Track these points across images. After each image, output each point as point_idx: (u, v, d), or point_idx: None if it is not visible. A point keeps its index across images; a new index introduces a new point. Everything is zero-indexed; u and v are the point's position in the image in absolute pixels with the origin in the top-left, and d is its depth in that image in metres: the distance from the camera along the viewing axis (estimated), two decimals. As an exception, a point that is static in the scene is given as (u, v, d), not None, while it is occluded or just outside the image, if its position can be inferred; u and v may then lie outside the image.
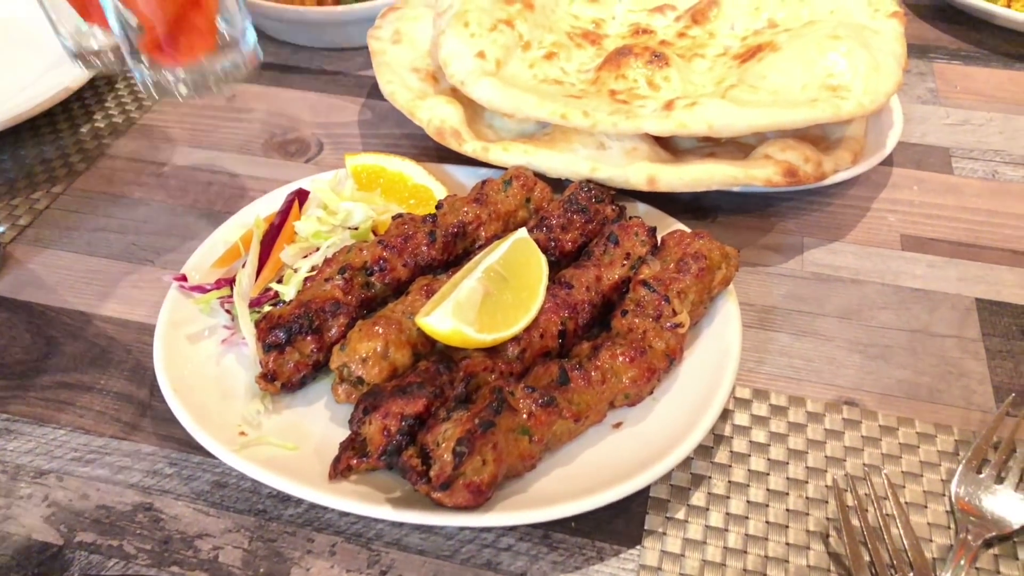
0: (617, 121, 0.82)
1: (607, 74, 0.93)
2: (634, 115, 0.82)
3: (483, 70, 0.90)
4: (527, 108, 0.85)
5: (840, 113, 0.81)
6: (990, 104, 1.08)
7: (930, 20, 1.25)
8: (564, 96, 0.88)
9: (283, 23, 1.19)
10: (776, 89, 0.87)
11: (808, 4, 0.98)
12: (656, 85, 0.92)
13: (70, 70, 1.06)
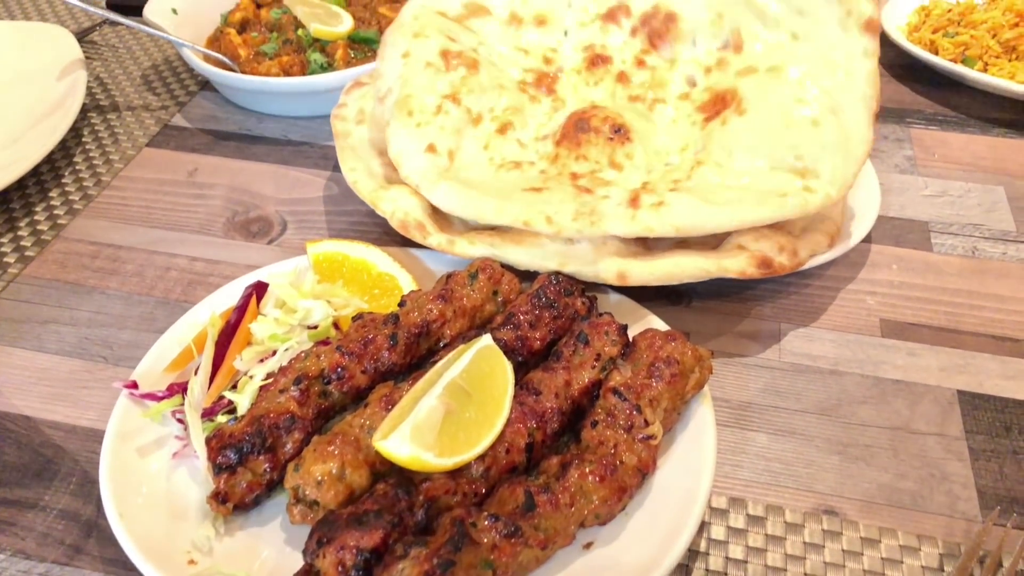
0: (582, 227, 0.79)
1: (566, 152, 0.91)
2: (599, 218, 0.80)
3: (437, 169, 0.87)
4: (488, 215, 0.82)
5: (808, 208, 0.79)
6: (968, 173, 1.06)
7: (907, 82, 1.24)
8: (525, 190, 0.85)
9: (248, 92, 1.16)
10: (743, 171, 0.84)
11: (774, 22, 0.94)
12: (619, 164, 0.89)
13: (27, 146, 1.03)
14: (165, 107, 1.20)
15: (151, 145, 1.12)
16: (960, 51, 1.19)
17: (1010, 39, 1.17)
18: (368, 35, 1.21)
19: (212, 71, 1.13)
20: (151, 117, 1.17)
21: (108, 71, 1.28)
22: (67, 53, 1.18)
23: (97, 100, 1.21)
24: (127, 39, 1.34)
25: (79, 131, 1.14)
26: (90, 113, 1.18)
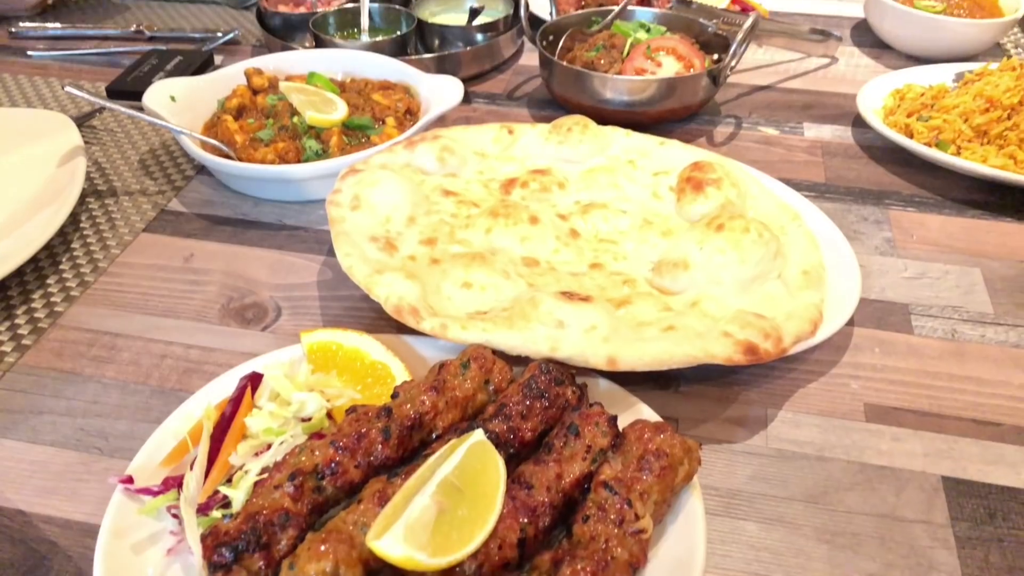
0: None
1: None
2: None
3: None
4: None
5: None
6: (946, 255, 1.09)
7: (885, 164, 1.28)
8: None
9: (244, 179, 1.19)
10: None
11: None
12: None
13: (26, 235, 1.05)
14: (162, 192, 1.22)
15: (148, 230, 1.15)
16: (934, 135, 1.24)
17: (981, 124, 1.22)
18: (362, 122, 1.24)
19: (209, 159, 1.15)
20: (148, 202, 1.20)
21: (107, 156, 1.31)
22: (67, 140, 1.21)
23: (96, 185, 1.23)
24: (126, 123, 1.37)
25: (77, 217, 1.16)
26: (88, 198, 1.20)
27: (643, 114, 1.33)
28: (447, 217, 1.06)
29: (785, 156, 1.30)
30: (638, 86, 1.30)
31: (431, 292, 0.92)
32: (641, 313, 0.90)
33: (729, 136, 1.35)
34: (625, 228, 1.07)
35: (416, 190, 1.08)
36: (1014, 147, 1.19)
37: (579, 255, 1.02)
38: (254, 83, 1.32)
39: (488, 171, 1.17)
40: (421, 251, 0.99)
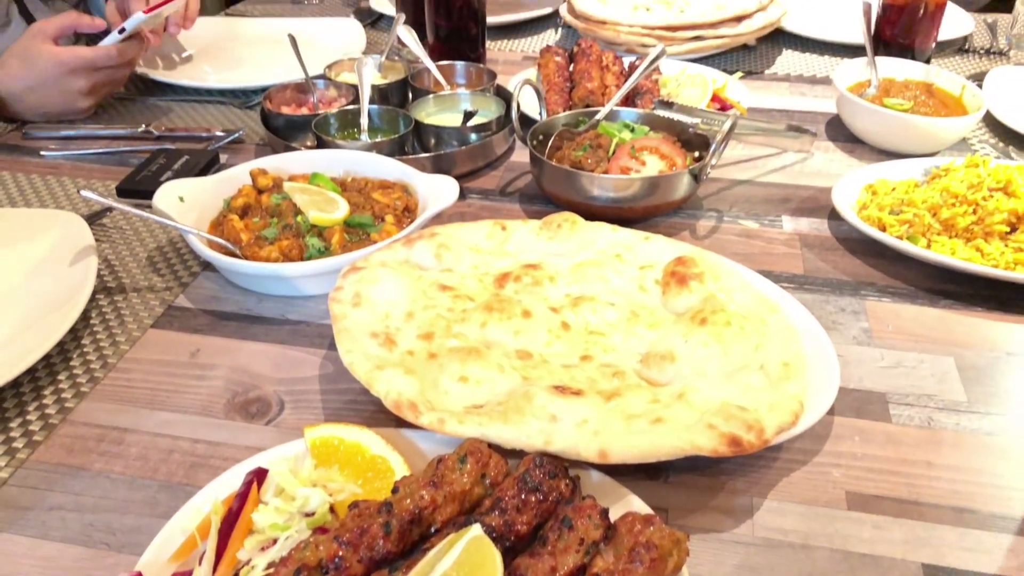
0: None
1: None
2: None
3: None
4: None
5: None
6: (920, 344, 1.15)
7: (861, 256, 1.34)
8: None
9: (249, 276, 1.24)
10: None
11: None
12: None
13: (39, 333, 1.09)
14: (169, 288, 1.27)
15: (156, 326, 1.19)
16: (905, 228, 1.31)
17: (947, 218, 1.29)
18: (363, 220, 1.30)
19: (215, 257, 1.21)
20: (156, 298, 1.25)
21: (116, 253, 1.36)
22: (79, 240, 1.26)
23: (106, 282, 1.28)
24: (135, 222, 1.43)
25: (87, 314, 1.21)
26: (99, 295, 1.25)
27: (629, 210, 1.40)
28: (444, 312, 1.11)
29: (765, 248, 1.37)
30: (623, 184, 1.38)
31: (429, 386, 0.97)
32: (630, 405, 0.94)
33: (711, 230, 1.42)
34: (613, 320, 1.12)
35: (414, 286, 1.13)
36: (979, 240, 1.26)
37: (570, 347, 1.07)
38: (259, 183, 1.39)
39: (483, 265, 1.23)
40: (419, 346, 1.04)
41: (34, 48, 1.70)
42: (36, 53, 1.70)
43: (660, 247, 1.25)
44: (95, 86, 1.76)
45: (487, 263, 1.23)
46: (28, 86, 1.72)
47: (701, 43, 2.00)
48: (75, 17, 1.76)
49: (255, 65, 2.09)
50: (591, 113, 1.60)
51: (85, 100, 1.77)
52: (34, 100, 1.74)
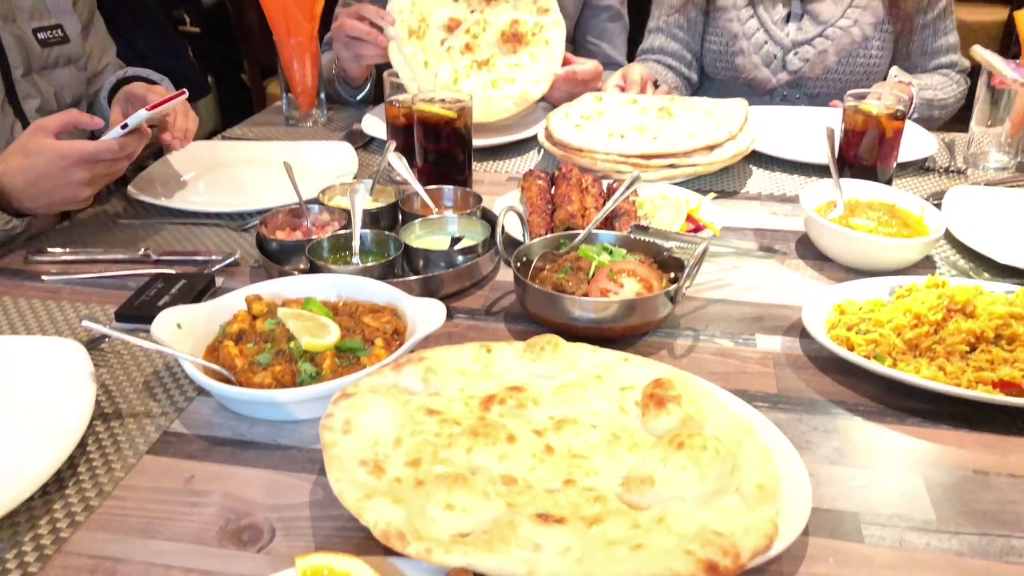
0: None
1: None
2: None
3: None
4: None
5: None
6: (890, 463, 1.19)
7: (831, 374, 1.40)
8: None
9: (242, 402, 1.28)
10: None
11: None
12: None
13: (36, 463, 1.12)
14: (165, 413, 1.31)
15: (151, 452, 1.22)
16: (872, 348, 1.37)
17: (911, 338, 1.35)
18: (353, 344, 1.36)
19: (210, 384, 1.25)
20: (152, 424, 1.28)
21: (114, 378, 1.40)
22: (78, 368, 1.31)
23: (102, 408, 1.32)
24: (133, 347, 1.48)
25: (84, 441, 1.24)
26: (95, 421, 1.29)
27: (609, 330, 1.46)
28: (431, 437, 1.15)
29: (740, 367, 1.42)
30: (602, 306, 1.44)
31: (416, 514, 1.00)
32: (612, 531, 0.98)
33: (688, 349, 1.48)
34: (596, 443, 1.16)
35: (402, 411, 1.18)
36: (942, 359, 1.32)
37: (554, 471, 1.11)
38: (254, 309, 1.45)
39: (469, 388, 1.27)
40: (407, 473, 1.07)
41: (36, 143, 1.78)
42: (38, 148, 1.77)
43: (639, 368, 1.30)
44: (95, 177, 1.83)
45: (473, 385, 1.28)
46: (31, 179, 1.79)
47: (675, 171, 2.11)
48: (75, 115, 1.85)
49: (251, 188, 2.19)
50: (572, 236, 1.68)
51: (86, 190, 1.83)
52: (37, 192, 1.80)
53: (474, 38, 2.54)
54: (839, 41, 2.79)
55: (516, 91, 2.53)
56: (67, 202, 1.85)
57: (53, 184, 1.79)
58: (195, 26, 5.22)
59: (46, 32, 2.21)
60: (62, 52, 2.26)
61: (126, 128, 1.79)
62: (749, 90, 2.92)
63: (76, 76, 2.32)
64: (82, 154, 1.78)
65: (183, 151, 2.29)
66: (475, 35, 2.54)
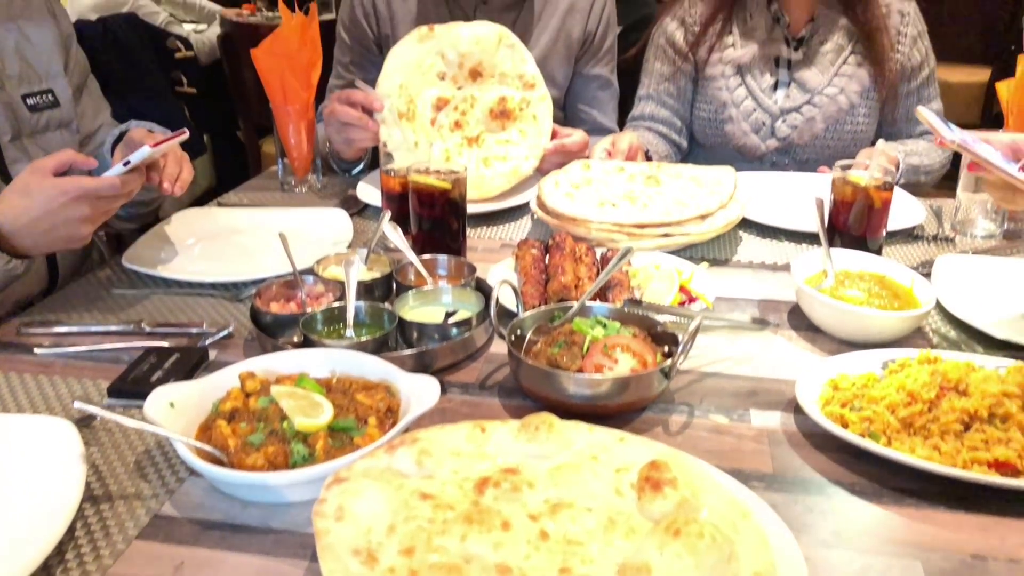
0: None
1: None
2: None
3: None
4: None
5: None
6: (888, 547, 1.18)
7: (826, 451, 1.40)
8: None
9: (234, 484, 1.27)
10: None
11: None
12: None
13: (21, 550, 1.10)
14: (156, 495, 1.30)
15: (141, 538, 1.21)
16: (866, 426, 1.37)
17: (905, 416, 1.36)
18: (347, 424, 1.35)
19: (201, 467, 1.24)
20: (142, 507, 1.27)
21: (104, 458, 1.39)
22: (69, 449, 1.30)
23: (92, 490, 1.30)
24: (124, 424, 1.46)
25: (73, 526, 1.22)
26: (84, 504, 1.27)
27: (603, 407, 1.46)
28: (425, 523, 1.14)
29: (735, 445, 1.42)
30: (597, 383, 1.45)
31: (411, 607, 0.98)
32: (608, 624, 0.97)
33: (683, 425, 1.48)
34: (591, 528, 1.15)
35: (396, 496, 1.17)
36: (936, 438, 1.32)
37: (549, 559, 1.10)
38: (247, 387, 1.44)
39: (463, 470, 1.26)
40: (400, 562, 1.06)
41: (34, 182, 1.79)
42: (37, 186, 1.78)
43: (635, 448, 1.30)
44: (95, 214, 1.84)
45: (467, 467, 1.27)
46: (32, 218, 1.79)
47: (668, 240, 2.13)
48: (72, 155, 1.86)
49: (246, 257, 2.19)
50: (565, 308, 1.69)
51: (86, 227, 1.83)
52: (37, 231, 1.81)
53: (462, 115, 2.59)
54: (826, 109, 2.84)
55: (508, 168, 2.57)
56: (67, 239, 1.85)
57: (53, 222, 1.80)
58: (191, 87, 5.28)
59: (36, 97, 2.24)
60: (52, 116, 2.28)
61: (128, 165, 1.80)
62: (739, 156, 2.96)
63: (67, 139, 2.33)
64: (83, 189, 1.79)
65: (179, 219, 2.32)
66: (463, 111, 2.59)
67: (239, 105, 5.56)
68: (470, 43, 2.58)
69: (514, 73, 2.62)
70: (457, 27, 2.61)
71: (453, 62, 2.59)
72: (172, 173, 2.07)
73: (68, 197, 1.78)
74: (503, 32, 2.62)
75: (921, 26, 2.92)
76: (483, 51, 2.59)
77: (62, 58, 2.33)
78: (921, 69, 2.90)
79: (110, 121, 2.57)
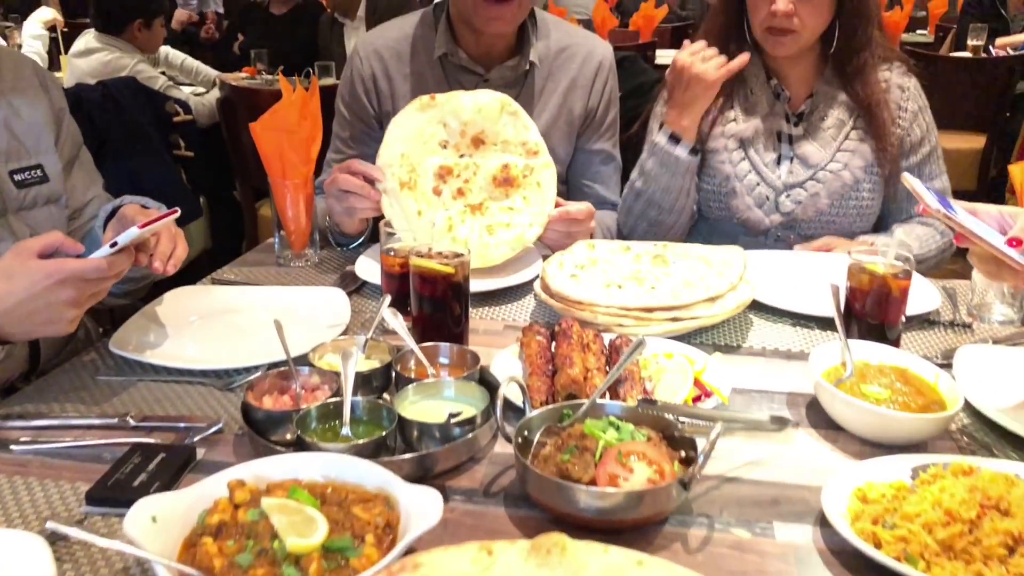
0: None
1: None
2: None
3: None
4: None
5: None
6: None
7: (857, 572, 1.30)
8: None
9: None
10: None
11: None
12: None
13: None
14: (132, 624, 1.19)
15: None
16: (902, 547, 1.27)
17: (944, 538, 1.26)
18: (342, 544, 1.25)
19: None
20: (117, 639, 1.16)
21: (78, 573, 1.28)
22: (39, 569, 1.20)
23: (63, 617, 1.20)
24: (101, 537, 1.36)
25: (40, 663, 1.11)
26: (54, 635, 1.16)
27: (619, 521, 1.37)
28: (428, 667, 1.03)
29: (759, 565, 1.32)
30: (611, 497, 1.35)
31: None
32: None
33: (703, 541, 1.38)
34: (609, 669, 1.05)
35: (396, 633, 1.07)
36: (979, 564, 1.23)
37: None
38: (236, 497, 1.34)
39: (468, 600, 1.16)
40: None
41: (18, 264, 1.71)
42: (22, 269, 1.70)
43: (654, 573, 1.20)
44: (81, 298, 1.75)
45: (473, 596, 1.17)
46: (14, 302, 1.70)
47: (677, 325, 2.06)
48: (60, 237, 1.79)
49: (239, 342, 2.09)
50: (575, 406, 1.61)
51: (71, 311, 1.75)
52: (19, 316, 1.72)
53: (465, 183, 2.54)
54: (830, 184, 2.81)
55: (512, 236, 2.50)
56: (51, 324, 1.76)
57: (36, 306, 1.71)
58: (189, 150, 5.26)
59: (24, 173, 2.17)
60: (40, 192, 2.21)
61: (115, 246, 1.73)
62: (743, 230, 2.91)
63: (56, 215, 2.27)
64: (68, 272, 1.71)
65: (171, 299, 2.24)
66: (466, 179, 2.54)
67: (237, 168, 5.53)
68: (472, 111, 2.54)
69: (517, 140, 2.58)
70: (459, 96, 2.57)
71: (455, 130, 2.55)
72: (165, 251, 2.00)
73: (52, 280, 1.70)
74: (505, 100, 2.58)
75: (922, 101, 2.89)
76: (485, 119, 2.55)
77: (53, 132, 2.28)
78: (922, 145, 2.87)
79: (102, 194, 2.51)
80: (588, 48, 2.95)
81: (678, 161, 2.77)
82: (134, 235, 1.75)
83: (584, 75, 2.93)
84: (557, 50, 2.91)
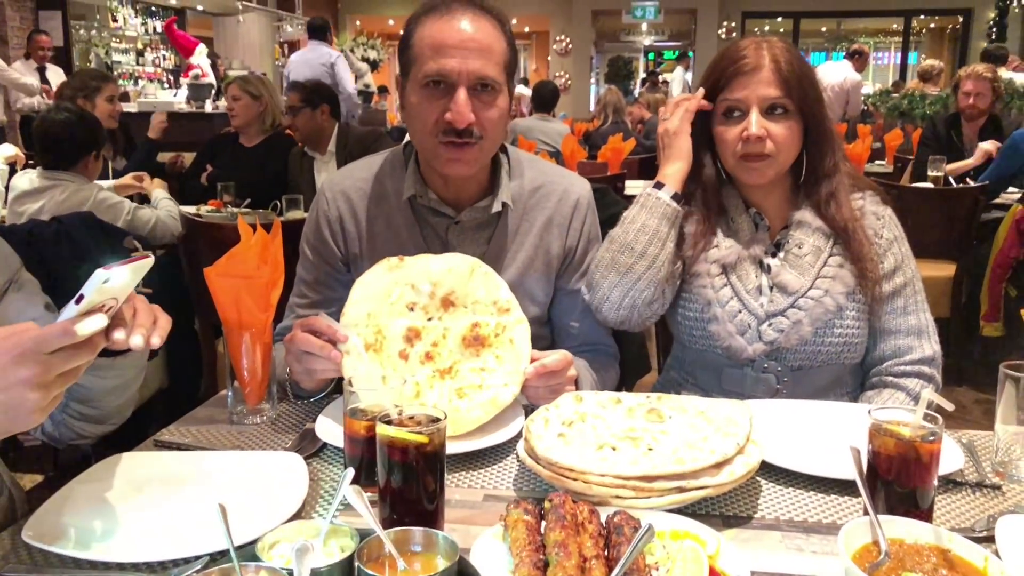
0: None
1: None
2: None
3: None
4: None
5: None
6: None
7: None
8: None
9: None
10: None
11: None
12: None
13: None
14: None
15: None
16: None
17: None
18: None
19: None
20: None
21: None
22: None
23: None
24: None
25: None
26: None
27: None
28: None
29: None
30: None
31: None
32: None
33: None
34: None
35: None
36: None
37: None
38: None
39: None
40: None
41: None
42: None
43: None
44: (46, 378, 1.45)
45: None
46: None
47: (682, 496, 1.82)
48: (31, 328, 1.50)
49: (178, 524, 1.80)
50: (574, 612, 1.34)
51: (33, 394, 1.44)
52: None
53: (434, 346, 2.34)
54: (813, 312, 2.68)
55: (485, 398, 2.28)
56: (12, 411, 1.45)
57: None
58: (147, 287, 5.03)
59: None
60: None
61: (82, 301, 1.43)
62: (726, 360, 2.76)
63: None
64: (27, 342, 1.42)
65: (103, 470, 1.97)
66: (435, 342, 2.34)
67: (196, 305, 5.31)
68: (442, 272, 2.38)
69: (488, 300, 2.40)
70: (428, 259, 2.42)
71: (424, 292, 2.37)
72: (146, 323, 1.69)
73: (7, 358, 1.42)
74: (475, 263, 2.43)
75: (898, 232, 2.81)
76: (455, 280, 2.39)
77: None
78: (895, 275, 2.75)
79: (43, 315, 2.24)
80: (564, 186, 2.83)
81: (658, 201, 2.74)
82: (100, 278, 1.45)
83: (561, 214, 2.79)
84: (531, 189, 2.78)
